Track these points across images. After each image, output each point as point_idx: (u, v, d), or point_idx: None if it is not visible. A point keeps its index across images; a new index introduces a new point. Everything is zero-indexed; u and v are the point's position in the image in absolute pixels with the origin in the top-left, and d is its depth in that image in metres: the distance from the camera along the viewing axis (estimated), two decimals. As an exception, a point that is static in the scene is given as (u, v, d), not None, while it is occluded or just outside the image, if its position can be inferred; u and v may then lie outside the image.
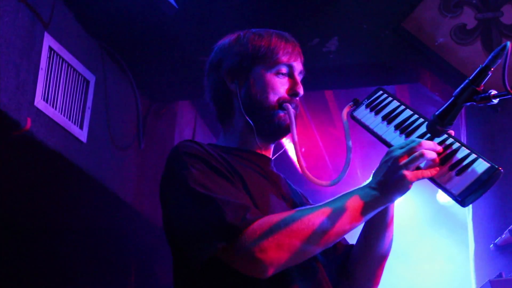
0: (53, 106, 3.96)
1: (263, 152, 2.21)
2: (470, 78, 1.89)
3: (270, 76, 2.16)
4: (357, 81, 5.06)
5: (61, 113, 4.04)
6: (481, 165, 1.77)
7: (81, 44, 4.35)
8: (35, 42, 3.79)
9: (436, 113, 1.92)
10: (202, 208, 1.83)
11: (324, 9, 4.83)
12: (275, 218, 1.82)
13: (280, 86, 2.16)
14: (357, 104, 2.15)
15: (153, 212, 5.40)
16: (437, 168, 1.82)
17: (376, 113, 2.09)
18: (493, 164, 1.77)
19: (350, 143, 2.07)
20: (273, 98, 2.14)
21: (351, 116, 2.14)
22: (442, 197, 6.60)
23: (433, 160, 1.82)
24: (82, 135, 4.27)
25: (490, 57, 1.86)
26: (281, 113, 2.13)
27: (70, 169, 4.27)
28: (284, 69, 2.18)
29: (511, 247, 3.57)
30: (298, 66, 2.22)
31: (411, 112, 2.04)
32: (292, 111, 2.12)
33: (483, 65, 1.88)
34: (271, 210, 1.93)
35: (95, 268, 5.60)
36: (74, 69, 4.20)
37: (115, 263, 5.72)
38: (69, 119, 4.13)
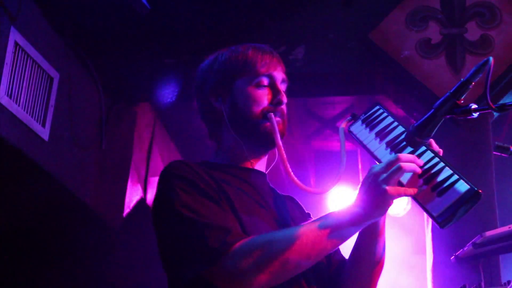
0: (16, 103, 3.89)
1: (255, 167, 2.21)
2: (451, 91, 1.90)
3: (251, 89, 2.16)
4: (322, 90, 5.10)
5: (24, 110, 3.97)
6: (461, 187, 1.75)
7: (47, 40, 4.28)
8: (1, 36, 3.72)
9: (415, 124, 1.93)
10: (186, 232, 1.86)
11: (291, 17, 4.86)
12: (254, 240, 1.83)
13: (263, 97, 2.15)
14: (354, 119, 2.15)
15: (110, 214, 5.34)
16: (418, 187, 1.80)
17: (371, 129, 2.08)
18: (472, 186, 1.74)
19: (345, 158, 2.05)
20: (257, 109, 2.14)
21: (348, 130, 2.13)
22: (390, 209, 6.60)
23: (413, 171, 1.80)
24: (44, 133, 4.20)
25: (472, 71, 1.88)
26: (266, 123, 2.13)
27: (30, 167, 4.19)
28: (264, 80, 2.17)
29: (473, 260, 3.62)
30: (279, 75, 2.20)
31: (403, 129, 2.02)
32: (275, 120, 2.11)
33: (464, 79, 1.89)
34: (257, 229, 1.93)
35: (47, 266, 5.50)
36: (39, 66, 4.13)
37: (67, 263, 5.64)
38: (32, 116, 4.06)
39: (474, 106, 1.90)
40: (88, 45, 4.73)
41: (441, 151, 1.92)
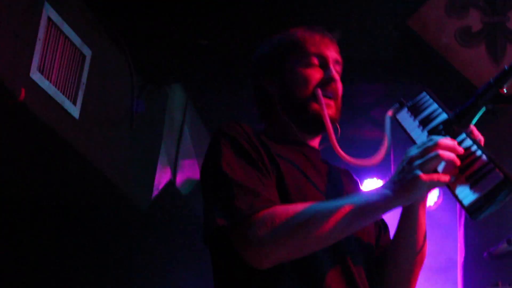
0: (48, 79, 3.85)
1: (309, 143, 2.19)
2: (494, 79, 1.84)
3: (301, 69, 2.14)
4: (357, 76, 5.01)
5: (56, 87, 3.94)
6: (496, 177, 1.64)
7: (81, 17, 4.24)
8: (35, 11, 3.68)
9: (455, 112, 1.86)
10: (221, 187, 1.87)
11: (328, 1, 4.76)
12: (280, 210, 1.79)
13: (312, 76, 2.13)
14: (401, 106, 2.11)
15: (139, 196, 5.32)
16: (452, 176, 1.71)
17: (415, 117, 2.04)
18: (508, 176, 1.62)
19: (390, 139, 1.99)
20: (306, 89, 2.12)
21: (395, 118, 2.09)
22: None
23: (451, 161, 1.70)
24: (75, 111, 4.17)
25: (518, 59, 1.80)
26: (314, 103, 2.10)
27: (61, 145, 4.16)
28: (315, 60, 2.15)
29: (507, 257, 3.52)
30: (331, 54, 2.18)
31: (447, 116, 1.94)
32: (322, 98, 2.08)
33: (508, 67, 1.83)
34: (303, 198, 1.90)
35: (75, 246, 5.53)
36: (72, 43, 4.09)
37: (94, 242, 5.65)
38: (64, 94, 4.02)
39: (518, 95, 1.83)
40: (121, 23, 4.68)
41: (482, 139, 1.84)
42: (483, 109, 1.89)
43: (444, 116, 1.95)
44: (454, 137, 1.84)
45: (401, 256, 2.06)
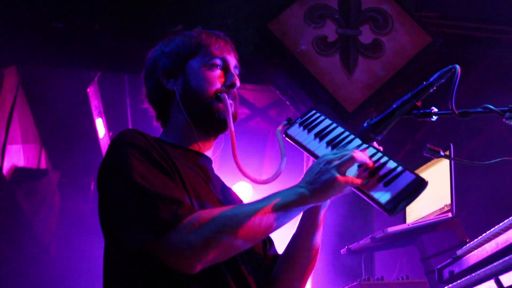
0: None
1: (203, 151, 2.21)
2: (412, 93, 1.98)
3: (204, 69, 2.16)
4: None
5: None
6: (407, 177, 1.84)
7: None
8: None
9: (372, 121, 1.99)
10: (139, 200, 1.83)
11: (191, -2, 4.80)
12: (205, 214, 1.82)
13: (216, 78, 2.16)
14: (290, 123, 2.22)
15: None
16: (366, 178, 1.87)
17: (309, 131, 2.17)
18: (418, 175, 1.83)
19: (285, 155, 2.12)
20: (210, 89, 2.14)
21: (285, 133, 2.20)
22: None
23: (364, 162, 1.88)
24: None
25: (435, 76, 1.96)
26: (219, 104, 2.13)
27: None
28: (218, 62, 2.18)
29: (366, 252, 3.75)
30: (232, 60, 2.22)
31: (343, 129, 2.11)
32: (228, 101, 2.12)
33: (427, 83, 1.98)
34: (203, 208, 1.93)
35: None
36: None
37: None
38: None
39: (435, 109, 1.99)
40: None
41: (381, 148, 2.00)
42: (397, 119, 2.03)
43: (340, 129, 2.12)
44: (368, 143, 1.99)
45: (297, 261, 2.15)
